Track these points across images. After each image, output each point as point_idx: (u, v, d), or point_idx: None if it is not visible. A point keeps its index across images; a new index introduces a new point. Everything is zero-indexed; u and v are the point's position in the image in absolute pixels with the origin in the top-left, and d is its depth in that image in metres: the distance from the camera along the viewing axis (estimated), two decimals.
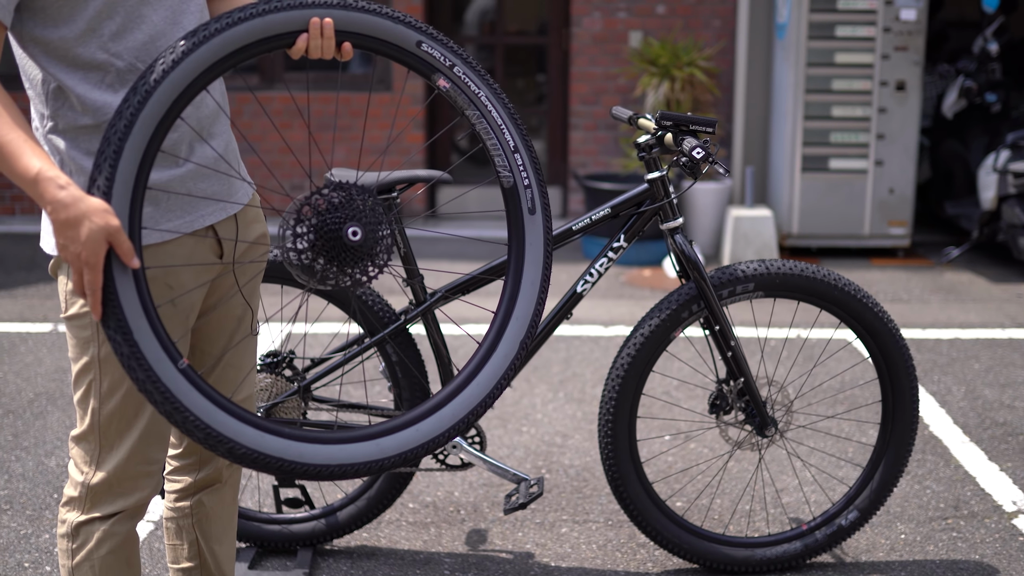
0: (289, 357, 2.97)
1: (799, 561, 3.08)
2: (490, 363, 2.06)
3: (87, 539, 2.12)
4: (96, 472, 2.09)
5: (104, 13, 1.90)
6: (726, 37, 7.77)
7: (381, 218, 1.93)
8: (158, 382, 1.82)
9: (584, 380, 4.69)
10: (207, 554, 2.40)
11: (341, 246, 1.90)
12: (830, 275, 2.94)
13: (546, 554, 3.21)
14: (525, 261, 2.09)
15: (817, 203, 6.99)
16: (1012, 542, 3.27)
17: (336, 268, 1.91)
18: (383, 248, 1.94)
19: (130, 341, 1.81)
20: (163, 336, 1.84)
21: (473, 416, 2.04)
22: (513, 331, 2.07)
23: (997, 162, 6.55)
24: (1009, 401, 4.44)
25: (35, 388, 4.52)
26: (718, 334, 2.93)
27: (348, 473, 1.95)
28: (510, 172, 2.06)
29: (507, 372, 2.06)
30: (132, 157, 1.81)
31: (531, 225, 2.08)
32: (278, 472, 1.92)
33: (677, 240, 2.91)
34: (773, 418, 3.01)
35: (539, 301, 2.08)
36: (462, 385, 2.05)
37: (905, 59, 6.83)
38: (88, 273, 1.78)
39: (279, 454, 1.91)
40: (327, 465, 1.94)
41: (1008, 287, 6.36)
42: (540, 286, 2.08)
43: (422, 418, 2.03)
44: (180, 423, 1.85)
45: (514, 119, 2.06)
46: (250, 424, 1.90)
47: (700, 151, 2.66)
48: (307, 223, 1.89)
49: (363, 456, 1.97)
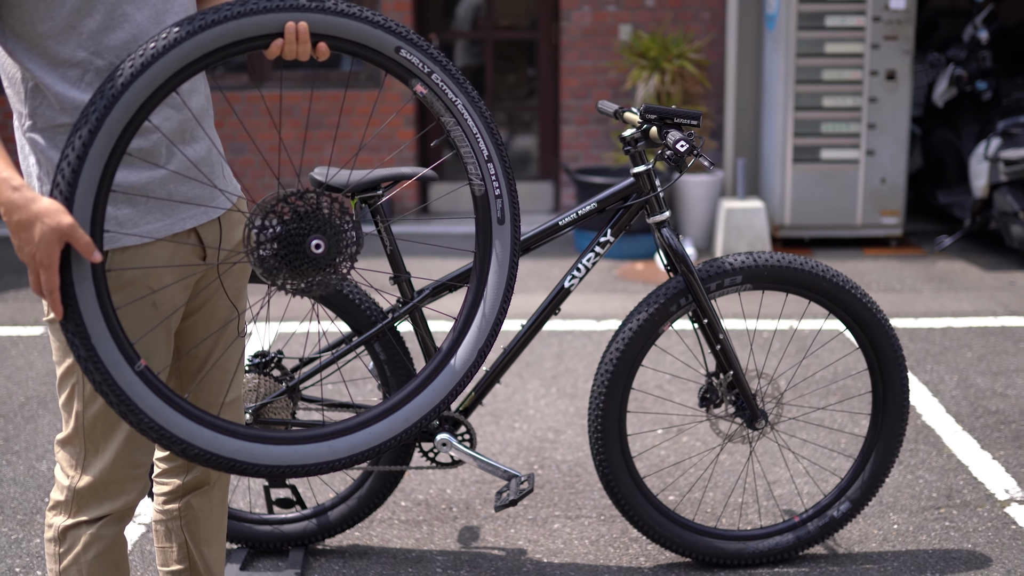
0: (277, 357, 2.96)
1: (791, 553, 3.08)
2: (446, 370, 2.08)
3: (74, 543, 2.11)
4: (82, 476, 2.08)
5: (83, 10, 1.88)
6: (716, 29, 7.76)
7: (347, 224, 1.93)
8: (113, 384, 1.85)
9: (577, 375, 4.68)
10: (196, 556, 2.39)
11: (303, 257, 1.91)
12: (818, 266, 2.94)
13: (538, 550, 3.20)
14: (489, 270, 2.10)
15: (809, 194, 6.98)
16: (1004, 530, 3.26)
17: (297, 277, 1.93)
18: (346, 256, 1.94)
19: (87, 344, 1.83)
20: (121, 338, 1.86)
21: (424, 421, 2.06)
22: (472, 339, 2.08)
23: (988, 150, 6.54)
24: (1001, 389, 4.44)
25: (26, 392, 4.51)
26: (707, 327, 2.92)
27: (299, 473, 1.99)
28: (482, 181, 2.07)
29: (462, 380, 2.08)
30: (96, 162, 1.81)
31: (499, 235, 2.09)
32: (231, 472, 1.96)
33: (664, 234, 2.90)
34: (763, 411, 3.00)
35: (501, 310, 2.09)
36: (416, 390, 2.07)
37: (895, 48, 6.82)
38: (44, 274, 1.79)
39: (232, 455, 1.94)
40: (278, 466, 1.97)
41: (1000, 275, 6.36)
42: (503, 295, 2.09)
43: (375, 421, 2.05)
44: (135, 424, 1.88)
45: (490, 129, 2.05)
46: (205, 425, 1.93)
47: (684, 144, 2.65)
48: (271, 231, 1.89)
49: (314, 457, 2.00)
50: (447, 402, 2.08)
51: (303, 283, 1.93)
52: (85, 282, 1.82)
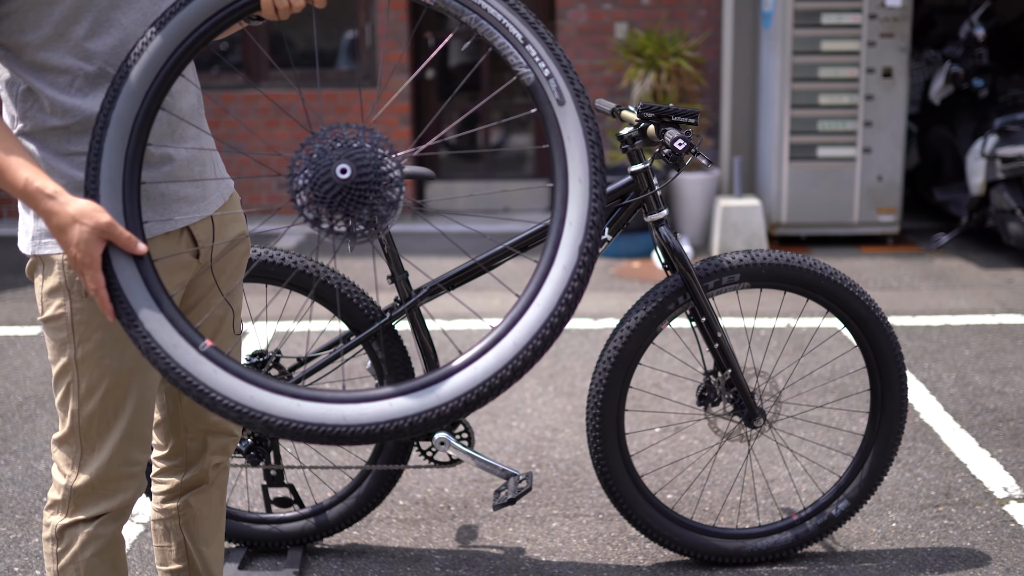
0: (275, 356, 2.96)
1: (790, 551, 3.08)
2: (551, 275, 1.83)
3: (71, 542, 2.11)
4: (79, 475, 2.08)
5: (71, 18, 1.88)
6: (712, 27, 7.76)
7: (381, 153, 1.79)
8: (180, 369, 1.80)
9: (574, 373, 4.68)
10: (195, 555, 2.39)
11: (334, 188, 1.76)
12: (816, 264, 2.93)
13: (537, 549, 3.20)
14: (568, 157, 1.86)
15: (805, 192, 6.99)
16: (1003, 528, 3.26)
17: (342, 214, 1.77)
18: (388, 183, 1.78)
19: (143, 333, 1.80)
20: (180, 322, 1.82)
21: (542, 335, 1.81)
22: (570, 237, 1.84)
23: (985, 147, 6.55)
24: (999, 387, 4.44)
25: (24, 391, 4.51)
26: (705, 326, 2.92)
27: (404, 431, 1.81)
28: (528, 67, 1.87)
29: (572, 278, 1.82)
30: (115, 154, 1.80)
31: (565, 117, 1.86)
32: (324, 442, 1.81)
33: (662, 232, 2.90)
34: (761, 409, 3.00)
35: (593, 198, 1.84)
36: (530, 300, 1.84)
37: (891, 46, 6.82)
38: (87, 273, 1.81)
39: (319, 420, 1.80)
40: (377, 423, 1.80)
41: (998, 272, 6.36)
42: (591, 180, 1.85)
43: (486, 351, 1.82)
44: (210, 405, 1.80)
45: (516, 9, 1.87)
46: (283, 394, 1.81)
47: (682, 142, 2.65)
48: (302, 176, 1.78)
49: (415, 408, 1.80)
50: (558, 316, 1.81)
51: (351, 220, 1.78)
52: (130, 273, 1.81)
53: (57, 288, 1.99)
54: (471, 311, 4.05)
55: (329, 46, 8.16)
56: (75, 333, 2.00)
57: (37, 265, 2.03)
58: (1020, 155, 6.22)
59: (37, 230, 1.98)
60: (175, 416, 2.29)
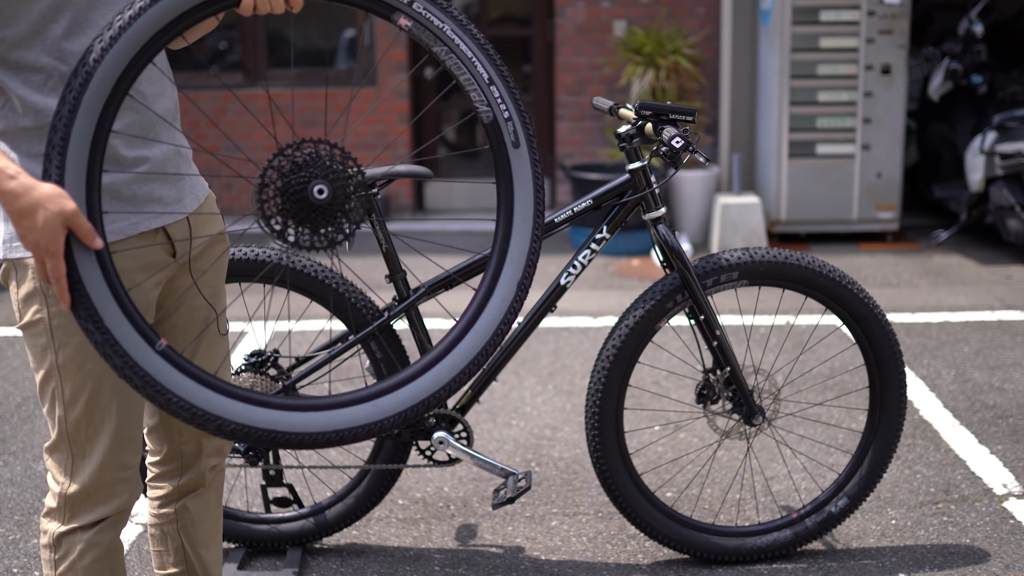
0: (274, 356, 2.95)
1: (789, 549, 3.08)
2: (491, 302, 1.95)
3: (69, 549, 2.09)
4: (71, 482, 2.07)
5: (49, 16, 1.86)
6: (710, 24, 7.75)
7: (351, 171, 1.84)
8: (135, 366, 1.78)
9: (573, 372, 4.68)
10: (194, 559, 2.38)
11: (309, 206, 1.81)
12: (814, 262, 2.93)
13: (536, 547, 3.20)
14: (515, 198, 1.96)
15: (805, 189, 6.98)
16: (1003, 525, 3.26)
17: (309, 230, 1.83)
18: (356, 203, 1.85)
19: (102, 328, 1.77)
20: (137, 319, 1.80)
21: (489, 348, 1.93)
22: (510, 272, 1.96)
23: (984, 144, 6.54)
24: (999, 384, 4.44)
25: (22, 392, 4.50)
26: (703, 323, 2.91)
27: (345, 438, 1.89)
28: (488, 106, 1.94)
29: (508, 312, 1.95)
30: (81, 142, 1.76)
31: (517, 159, 1.96)
32: (272, 445, 1.86)
33: (660, 230, 2.90)
34: (760, 407, 3.00)
35: (534, 238, 1.96)
36: (466, 328, 1.95)
37: (890, 42, 6.82)
38: (49, 261, 1.75)
39: (270, 425, 1.85)
40: (322, 432, 1.87)
41: (997, 269, 6.36)
42: (533, 222, 1.96)
43: (423, 372, 1.94)
44: (164, 405, 1.81)
45: (485, 50, 1.93)
46: (238, 398, 1.84)
47: (679, 140, 2.65)
48: (273, 187, 1.81)
49: (361, 419, 1.89)
50: (492, 344, 1.94)
51: (316, 235, 1.83)
52: (90, 265, 1.77)
53: (33, 293, 1.96)
54: (448, 312, 4.03)
55: (328, 45, 8.16)
56: (54, 338, 1.98)
57: (11, 271, 1.99)
58: (1019, 151, 6.22)
59: (8, 233, 1.95)
60: (168, 420, 2.27)
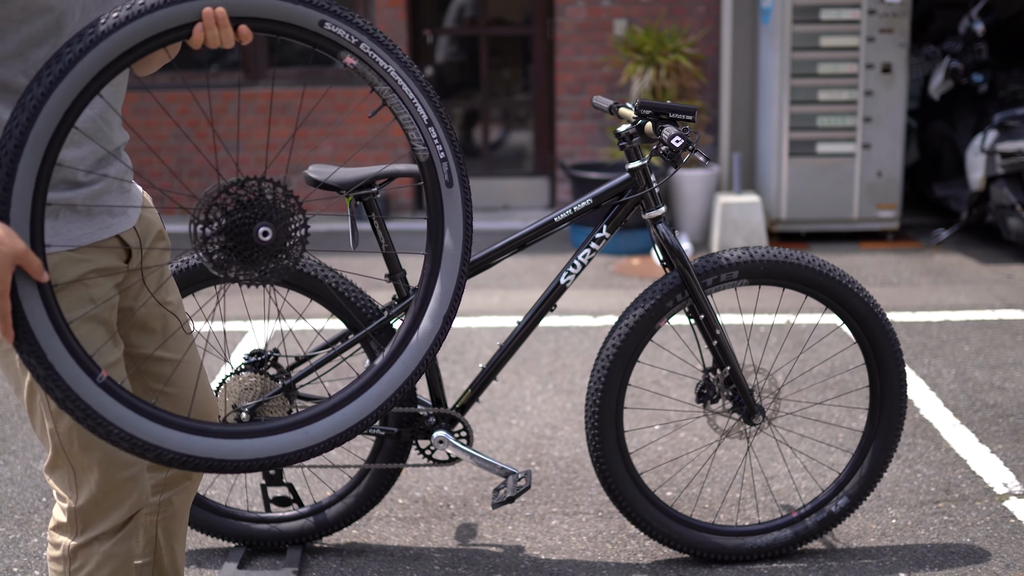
0: (273, 356, 2.95)
1: (790, 548, 3.08)
2: (413, 341, 2.06)
3: (86, 561, 2.08)
4: (79, 494, 2.06)
5: (35, 40, 1.89)
6: (711, 23, 7.75)
7: (293, 209, 1.90)
8: (77, 399, 1.82)
9: (573, 371, 4.68)
10: (164, 551, 2.38)
11: (252, 246, 1.88)
12: (814, 261, 2.93)
13: (536, 547, 3.19)
14: (444, 235, 2.06)
15: (805, 188, 6.98)
16: (1003, 524, 3.26)
17: (250, 267, 1.90)
18: (296, 240, 1.92)
19: (44, 363, 1.80)
20: (79, 352, 1.83)
21: (397, 396, 2.05)
22: (435, 306, 2.06)
23: (985, 143, 6.54)
24: (999, 383, 4.44)
25: None
26: (703, 323, 2.91)
27: (279, 463, 1.98)
28: (425, 146, 2.02)
29: (430, 348, 2.06)
30: (27, 176, 1.76)
31: (449, 199, 2.05)
32: (210, 471, 1.94)
33: (660, 229, 2.89)
34: (760, 406, 3.00)
35: (460, 275, 2.06)
36: (386, 365, 2.05)
37: (891, 41, 6.81)
38: None
39: (208, 454, 1.93)
40: (257, 459, 1.96)
41: (998, 268, 6.36)
42: (461, 259, 2.06)
43: (347, 402, 2.04)
44: (104, 436, 1.85)
45: (426, 92, 2.00)
46: (176, 428, 1.91)
47: (679, 139, 2.64)
48: (216, 224, 1.87)
49: (292, 445, 1.99)
50: (417, 373, 2.05)
51: (256, 272, 1.90)
52: (34, 301, 1.79)
53: None
54: None
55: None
56: None
57: None
58: (1020, 150, 6.22)
59: None
60: None
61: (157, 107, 7.83)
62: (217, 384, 2.94)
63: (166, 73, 7.83)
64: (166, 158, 7.98)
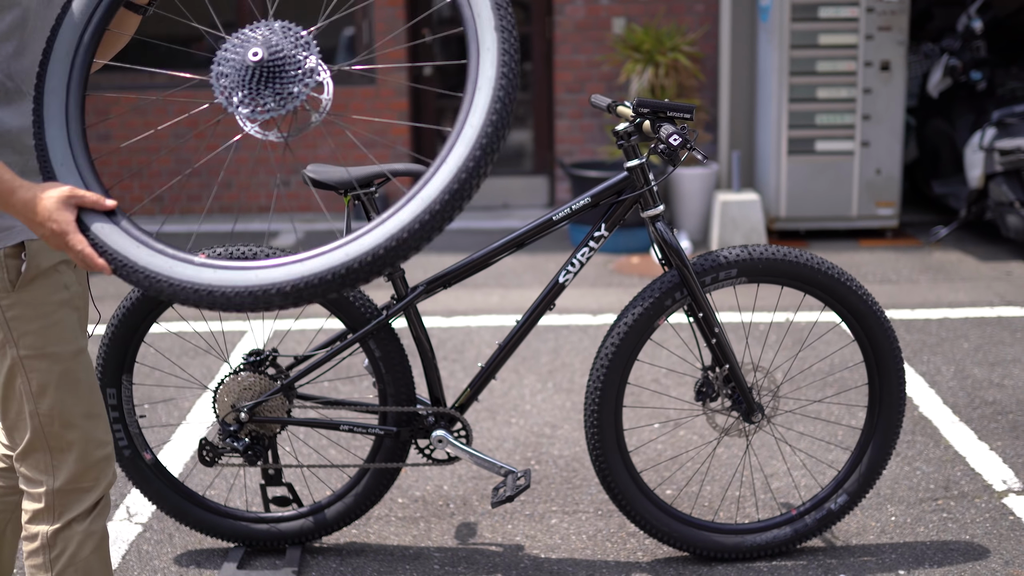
0: (272, 355, 2.95)
1: (789, 546, 3.08)
2: (460, 141, 1.93)
3: (67, 544, 2.09)
4: (55, 478, 2.07)
5: (6, 35, 1.95)
6: (709, 21, 7.75)
7: (296, 39, 1.92)
8: (185, 287, 1.87)
9: (573, 370, 4.67)
10: (7, 551, 2.39)
11: (246, 69, 1.89)
12: (813, 259, 2.93)
13: (536, 546, 3.20)
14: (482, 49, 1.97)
15: (804, 186, 6.98)
16: (1002, 521, 3.26)
17: (256, 95, 1.89)
18: (302, 67, 1.92)
19: (145, 274, 1.88)
20: (166, 249, 1.90)
21: (440, 217, 1.86)
22: (483, 98, 1.97)
23: (983, 140, 6.54)
24: (999, 380, 4.44)
25: None
26: (702, 321, 2.91)
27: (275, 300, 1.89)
28: None
29: (470, 157, 1.91)
30: (58, 140, 1.94)
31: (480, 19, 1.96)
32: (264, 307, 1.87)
33: (658, 227, 2.89)
34: (759, 404, 3.00)
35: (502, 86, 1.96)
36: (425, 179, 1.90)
37: (889, 39, 6.81)
38: (68, 239, 1.86)
39: None
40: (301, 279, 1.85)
41: (997, 265, 6.36)
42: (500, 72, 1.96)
43: (376, 227, 1.88)
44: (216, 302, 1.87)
45: None
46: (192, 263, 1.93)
47: (677, 137, 2.64)
48: (221, 64, 1.92)
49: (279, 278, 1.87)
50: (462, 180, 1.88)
51: (272, 100, 1.89)
52: (109, 228, 1.90)
53: None
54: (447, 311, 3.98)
55: (328, 43, 8.15)
56: (12, 331, 2.00)
57: None
58: (1018, 147, 6.22)
59: None
60: None
61: (157, 107, 7.83)
62: (216, 384, 2.94)
63: (166, 73, 7.82)
64: (165, 159, 7.98)
